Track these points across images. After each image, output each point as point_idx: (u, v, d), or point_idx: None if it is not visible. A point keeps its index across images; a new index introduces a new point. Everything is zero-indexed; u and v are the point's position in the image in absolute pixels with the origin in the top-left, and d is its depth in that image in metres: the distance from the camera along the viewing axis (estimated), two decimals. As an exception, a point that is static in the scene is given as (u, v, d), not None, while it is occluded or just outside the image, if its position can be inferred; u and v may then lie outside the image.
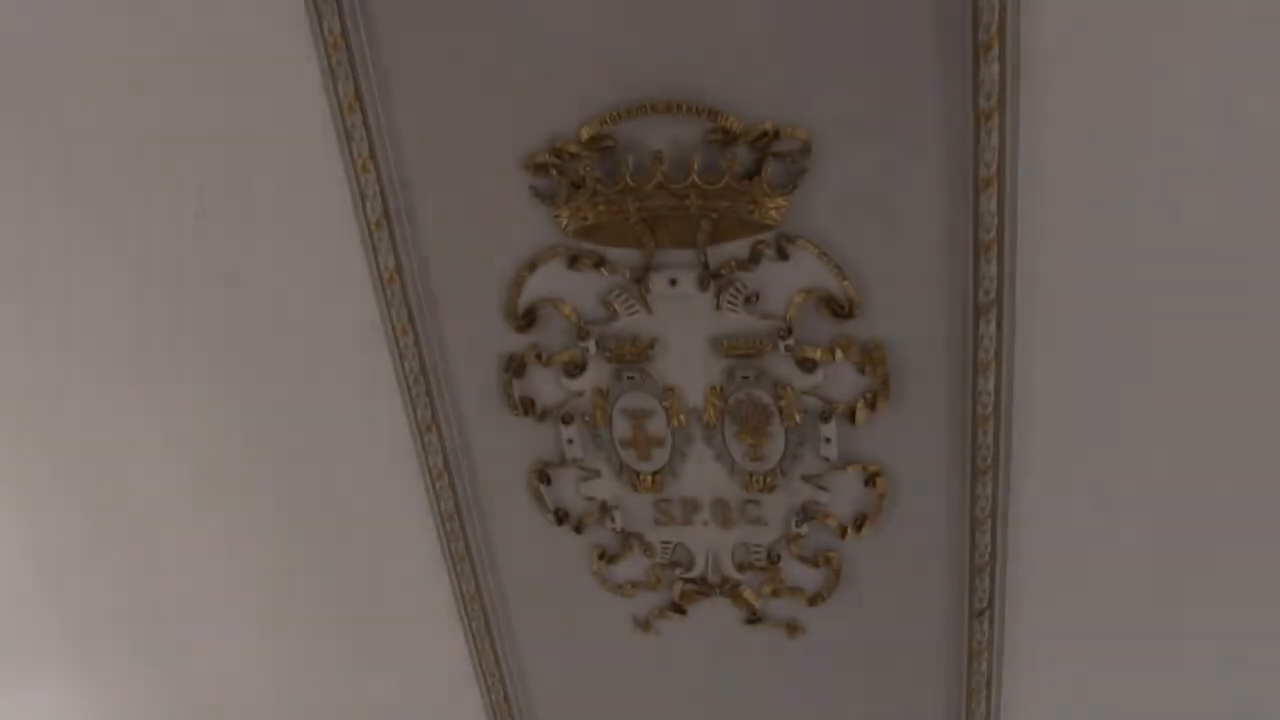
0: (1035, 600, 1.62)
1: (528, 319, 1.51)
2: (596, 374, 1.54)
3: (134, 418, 1.75)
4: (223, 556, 1.87)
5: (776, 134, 1.29)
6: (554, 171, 1.37)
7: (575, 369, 1.54)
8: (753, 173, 1.33)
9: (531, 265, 1.46)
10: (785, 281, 1.41)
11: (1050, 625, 1.64)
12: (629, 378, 1.53)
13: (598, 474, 1.63)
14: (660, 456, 1.59)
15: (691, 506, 1.63)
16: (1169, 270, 1.32)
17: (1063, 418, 1.46)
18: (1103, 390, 1.42)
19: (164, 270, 1.58)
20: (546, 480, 1.66)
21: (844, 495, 1.57)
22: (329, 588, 1.89)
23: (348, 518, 1.79)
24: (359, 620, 1.90)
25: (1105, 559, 1.56)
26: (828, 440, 1.52)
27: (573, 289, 1.48)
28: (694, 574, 1.70)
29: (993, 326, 1.38)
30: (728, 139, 1.31)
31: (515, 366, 1.56)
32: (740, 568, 1.68)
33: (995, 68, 1.21)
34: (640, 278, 1.44)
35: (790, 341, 1.44)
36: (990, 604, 1.60)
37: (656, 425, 1.56)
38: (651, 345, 1.49)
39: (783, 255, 1.39)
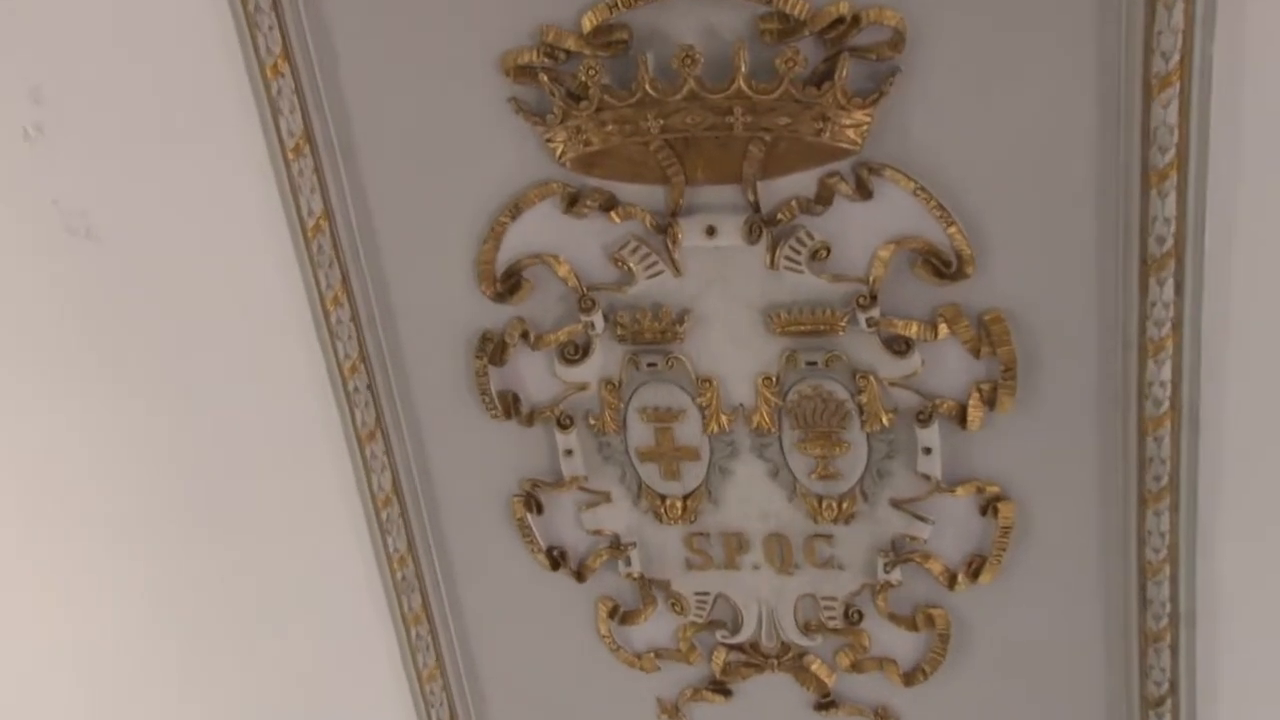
0: (1237, 683, 1.59)
1: (509, 284, 1.50)
2: (605, 359, 1.53)
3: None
4: (105, 608, 1.89)
5: (856, 20, 1.27)
6: (545, 77, 1.34)
7: (576, 353, 1.53)
8: (823, 77, 1.30)
9: (514, 209, 1.45)
10: (867, 229, 1.39)
11: (1259, 718, 1.62)
12: (650, 365, 1.51)
13: (607, 498, 1.63)
14: (693, 474, 1.58)
15: (737, 544, 1.62)
16: None
17: (1272, 418, 1.43)
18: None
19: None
20: (536, 507, 1.65)
21: (952, 529, 1.56)
22: (246, 659, 1.90)
23: (264, 563, 1.80)
24: (282, 709, 1.95)
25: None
26: (928, 451, 1.49)
27: (572, 241, 1.46)
28: (742, 638, 1.69)
29: (1169, 289, 1.34)
30: (787, 29, 1.28)
31: (493, 350, 1.54)
32: (807, 630, 1.67)
33: (1177, -88, 1.18)
34: (665, 225, 1.42)
35: (874, 313, 1.42)
36: (1173, 689, 1.58)
37: (688, 430, 1.54)
38: (681, 319, 1.48)
39: (864, 192, 1.36)
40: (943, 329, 1.41)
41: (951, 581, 1.57)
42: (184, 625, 1.88)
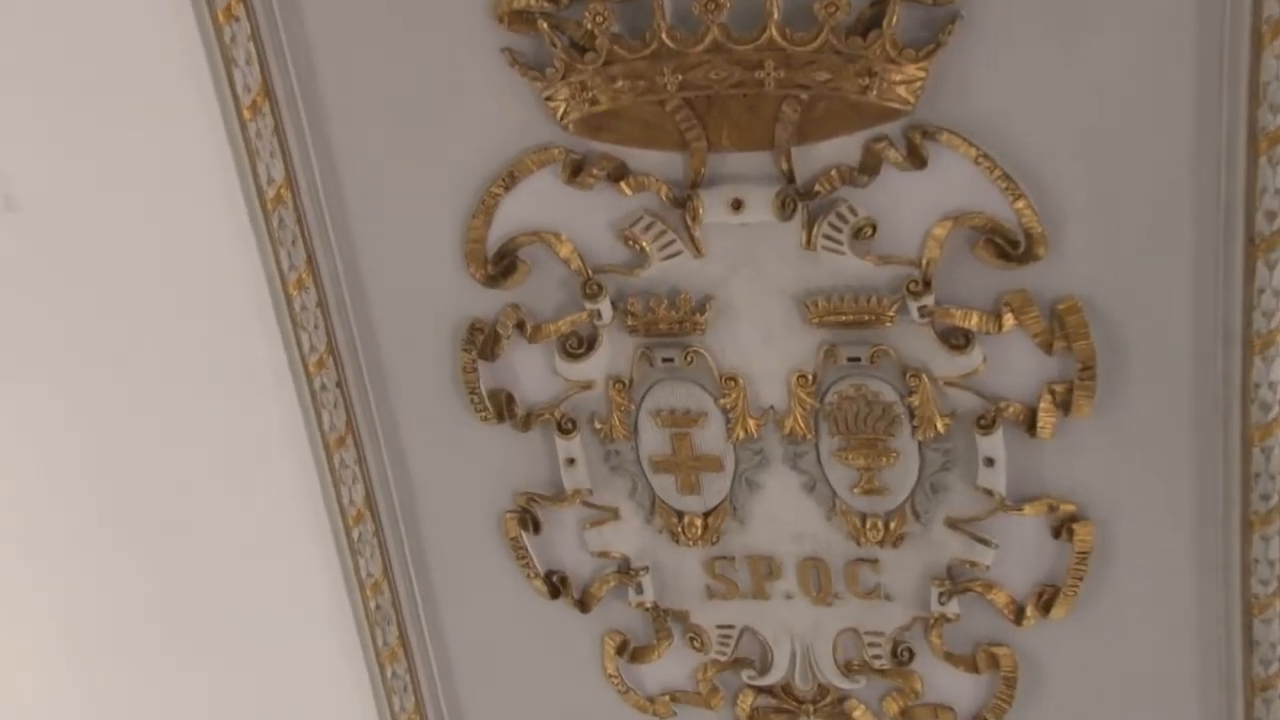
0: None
1: (502, 265, 1.49)
2: (613, 354, 1.52)
3: None
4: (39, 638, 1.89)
5: (908, -43, 1.24)
6: (545, 24, 1.33)
7: (579, 346, 1.53)
8: (869, 24, 1.28)
9: (508, 179, 1.44)
10: (920, 203, 1.38)
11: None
12: (665, 360, 1.51)
13: (615, 515, 1.63)
14: (716, 488, 1.57)
15: (767, 569, 1.61)
16: None
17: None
18: None
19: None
20: (532, 525, 1.65)
21: (1019, 553, 1.55)
22: (197, 698, 1.94)
23: (217, 589, 1.80)
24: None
25: None
26: (991, 462, 1.48)
27: (575, 216, 1.46)
28: (772, 680, 1.69)
29: (1280, 274, 1.29)
30: (828, -32, 1.26)
31: (483, 342, 1.54)
32: (848, 671, 1.67)
33: None
34: (684, 198, 1.41)
35: (928, 301, 1.41)
36: (1285, 743, 1.57)
37: (710, 437, 1.53)
38: (702, 308, 1.47)
39: (917, 160, 1.34)
40: (1008, 320, 1.39)
41: (1018, 615, 1.56)
42: (125, 659, 1.90)
